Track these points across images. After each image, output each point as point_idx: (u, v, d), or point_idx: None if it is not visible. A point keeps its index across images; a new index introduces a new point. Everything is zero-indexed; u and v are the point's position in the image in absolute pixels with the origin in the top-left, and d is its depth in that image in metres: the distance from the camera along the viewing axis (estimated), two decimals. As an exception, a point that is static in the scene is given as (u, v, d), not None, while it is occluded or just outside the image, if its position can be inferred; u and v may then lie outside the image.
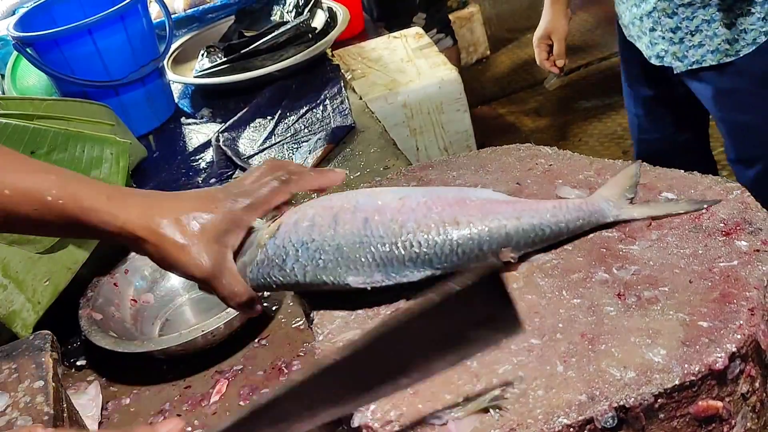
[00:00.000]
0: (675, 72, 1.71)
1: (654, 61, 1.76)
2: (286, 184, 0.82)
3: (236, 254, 0.81)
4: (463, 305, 0.62)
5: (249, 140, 1.72)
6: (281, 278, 0.80)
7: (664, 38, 1.68)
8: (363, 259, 0.77)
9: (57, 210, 0.76)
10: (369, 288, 0.78)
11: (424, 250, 0.76)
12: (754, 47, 1.59)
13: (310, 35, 1.97)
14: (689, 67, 1.68)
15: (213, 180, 1.58)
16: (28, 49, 1.67)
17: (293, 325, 1.15)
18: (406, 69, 2.18)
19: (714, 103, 1.72)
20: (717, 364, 0.64)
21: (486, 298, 0.62)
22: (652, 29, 1.69)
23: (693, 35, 1.63)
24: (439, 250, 0.76)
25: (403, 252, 0.77)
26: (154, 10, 2.08)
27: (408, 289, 0.79)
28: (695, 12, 1.60)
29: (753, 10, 1.55)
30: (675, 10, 1.62)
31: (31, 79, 1.85)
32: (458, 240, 0.76)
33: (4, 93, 1.87)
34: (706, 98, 1.73)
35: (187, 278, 0.78)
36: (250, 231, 0.82)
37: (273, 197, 0.81)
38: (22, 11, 1.85)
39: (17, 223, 0.78)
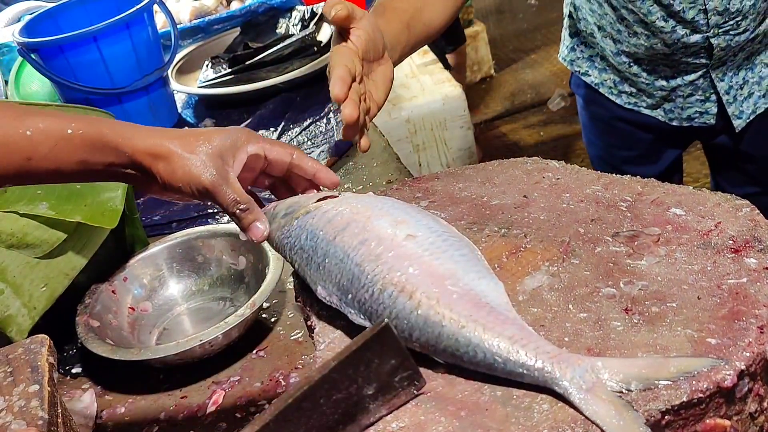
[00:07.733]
0: (737, 130, 1.59)
1: (687, 123, 1.62)
2: (292, 147, 0.91)
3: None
4: (360, 367, 0.64)
5: (252, 151, 1.71)
6: (288, 253, 0.84)
7: (711, 101, 1.57)
8: (332, 276, 0.77)
9: (77, 140, 0.83)
10: (328, 302, 0.78)
11: (369, 303, 0.73)
12: None
13: (315, 48, 1.97)
14: (747, 120, 1.58)
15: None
16: (32, 55, 1.67)
17: (292, 337, 1.14)
18: (411, 84, 2.18)
19: (759, 145, 1.63)
20: (725, 382, 0.62)
21: (382, 355, 0.65)
22: (690, 95, 1.58)
23: (742, 88, 1.56)
24: (377, 309, 0.72)
25: (356, 291, 0.74)
26: (160, 20, 2.08)
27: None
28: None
29: None
30: (726, 71, 1.54)
31: (34, 85, 1.84)
32: (397, 312, 0.71)
33: (7, 98, 1.86)
34: (753, 143, 1.62)
35: (194, 190, 0.84)
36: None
37: (275, 143, 0.90)
38: (27, 18, 1.85)
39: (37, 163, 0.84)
